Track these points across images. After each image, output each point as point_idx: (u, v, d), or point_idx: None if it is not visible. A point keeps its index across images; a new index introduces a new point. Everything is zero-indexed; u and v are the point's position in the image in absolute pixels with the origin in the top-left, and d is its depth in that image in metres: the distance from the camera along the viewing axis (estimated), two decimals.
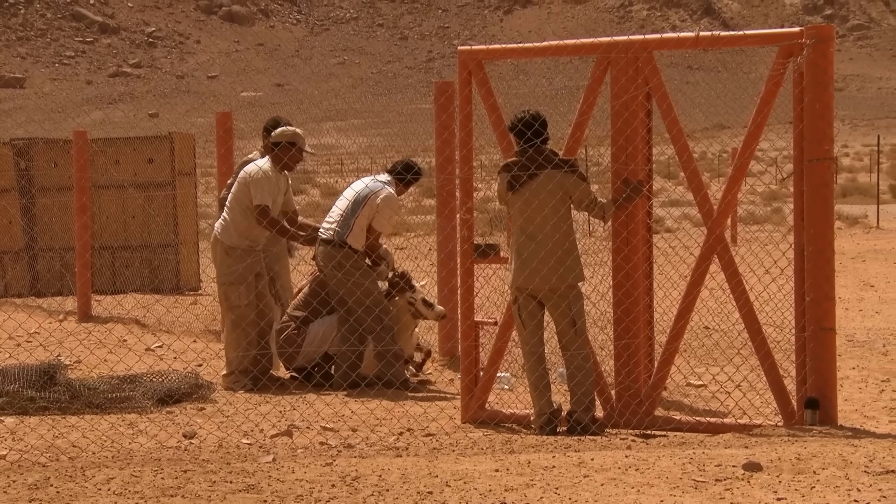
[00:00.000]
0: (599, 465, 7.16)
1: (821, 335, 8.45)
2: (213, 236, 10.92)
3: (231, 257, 10.70)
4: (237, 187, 10.73)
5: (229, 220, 10.75)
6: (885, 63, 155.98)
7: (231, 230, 10.73)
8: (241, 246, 10.70)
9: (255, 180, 10.58)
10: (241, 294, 10.68)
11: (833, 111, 8.51)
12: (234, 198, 10.73)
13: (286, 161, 10.73)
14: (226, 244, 10.73)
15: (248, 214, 10.65)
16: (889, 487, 6.57)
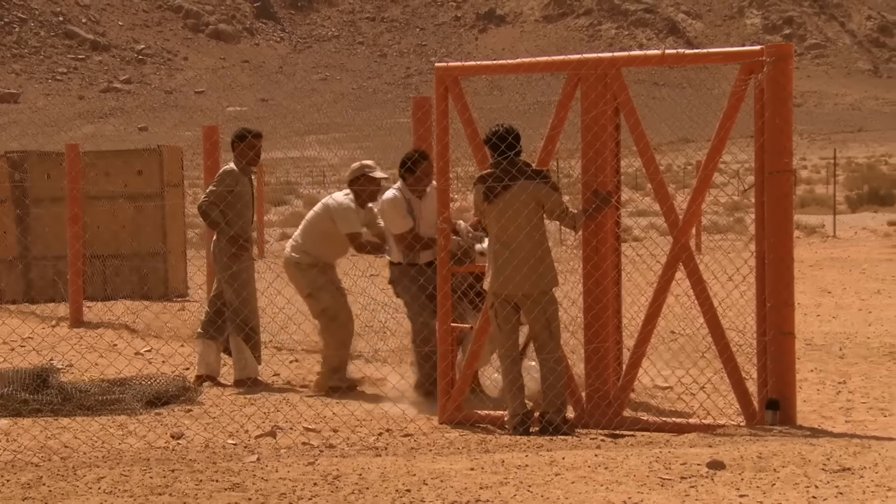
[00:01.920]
0: (570, 463, 7.16)
1: (781, 339, 8.47)
2: (285, 258, 10.93)
3: (306, 275, 10.72)
4: (317, 215, 10.75)
5: (302, 242, 10.79)
6: (841, 80, 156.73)
7: (303, 251, 10.75)
8: (315, 264, 10.72)
9: (340, 214, 10.59)
10: (323, 298, 10.69)
11: (792, 126, 8.54)
12: (313, 224, 10.76)
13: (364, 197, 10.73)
14: (296, 261, 10.77)
15: (323, 240, 10.69)
16: (846, 484, 6.58)
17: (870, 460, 7.09)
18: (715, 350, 8.73)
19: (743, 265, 8.84)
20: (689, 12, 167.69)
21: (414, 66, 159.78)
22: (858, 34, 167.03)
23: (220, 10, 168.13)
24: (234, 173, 11.09)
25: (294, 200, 52.08)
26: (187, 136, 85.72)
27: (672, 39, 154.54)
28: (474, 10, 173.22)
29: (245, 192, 11.10)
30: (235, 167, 11.11)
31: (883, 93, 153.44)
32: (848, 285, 19.01)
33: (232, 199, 11.00)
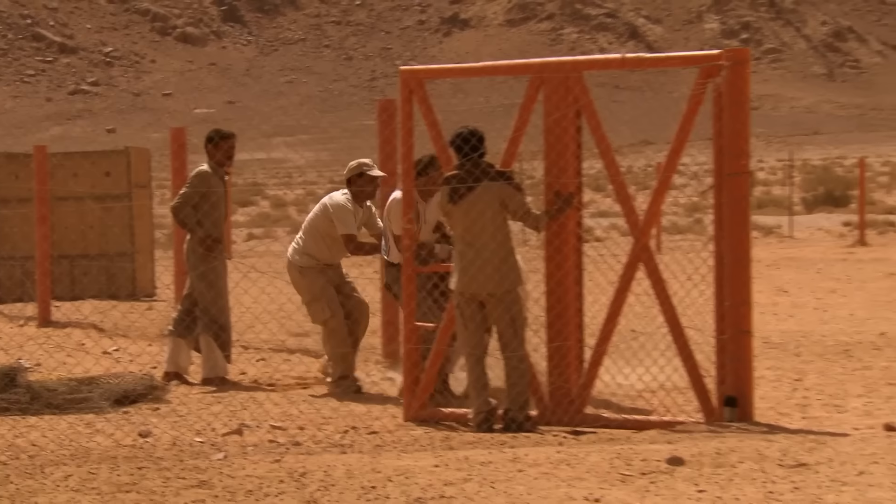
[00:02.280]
0: (533, 460, 7.17)
1: (739, 337, 8.51)
2: (287, 260, 10.81)
3: (306, 277, 10.60)
4: (316, 217, 10.64)
5: (302, 245, 10.67)
6: (797, 84, 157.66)
7: (304, 253, 10.63)
8: (315, 266, 10.60)
9: (337, 212, 10.48)
10: (323, 309, 10.53)
11: (749, 128, 8.58)
12: (313, 225, 10.65)
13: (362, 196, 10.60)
14: (299, 265, 10.64)
15: (323, 240, 10.57)
16: (801, 479, 6.62)
17: (825, 456, 7.13)
18: (675, 348, 8.77)
19: (702, 265, 8.88)
20: (649, 17, 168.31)
21: (379, 70, 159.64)
22: (814, 39, 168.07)
23: (187, 13, 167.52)
24: (206, 174, 11.05)
25: (261, 201, 51.94)
26: (155, 138, 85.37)
27: (632, 44, 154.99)
28: (438, 14, 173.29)
29: (216, 193, 11.05)
30: (207, 168, 11.07)
31: (837, 96, 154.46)
32: (804, 285, 19.12)
33: (202, 199, 10.96)
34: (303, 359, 12.11)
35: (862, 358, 11.68)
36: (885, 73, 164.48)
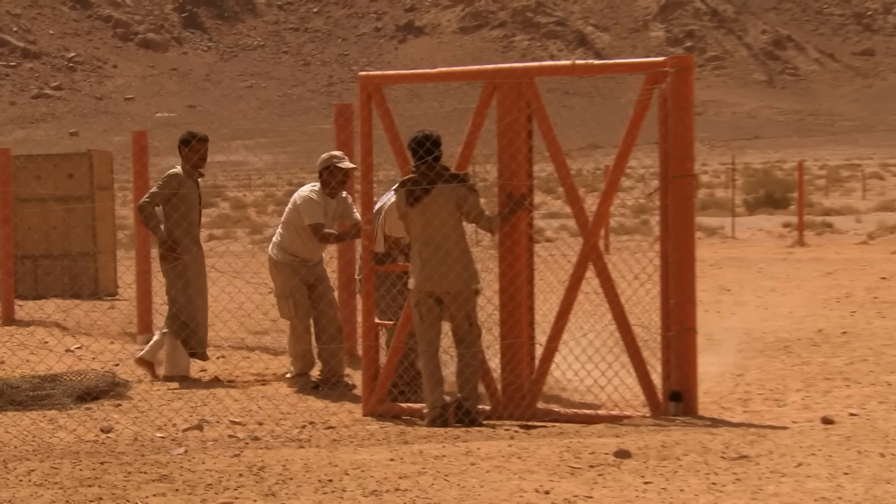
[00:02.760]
0: (485, 453, 7.17)
1: (683, 334, 8.54)
2: (269, 255, 10.71)
3: (280, 273, 10.50)
4: (289, 212, 10.52)
5: (280, 240, 10.57)
6: (738, 90, 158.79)
7: (281, 248, 10.52)
8: (290, 262, 10.49)
9: (303, 204, 10.37)
10: (290, 307, 10.43)
11: (693, 133, 8.61)
12: (287, 220, 10.54)
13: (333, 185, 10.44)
14: (275, 260, 10.54)
15: (298, 234, 10.45)
16: (743, 471, 6.65)
17: (765, 448, 7.18)
18: (622, 345, 8.80)
19: (648, 264, 8.91)
20: (598, 25, 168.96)
21: (336, 75, 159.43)
22: (754, 47, 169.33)
23: (148, 19, 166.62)
24: (179, 176, 10.97)
25: (221, 203, 51.75)
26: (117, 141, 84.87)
27: (581, 51, 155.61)
28: (394, 21, 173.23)
29: (190, 195, 10.98)
30: (180, 170, 10.99)
31: (777, 102, 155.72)
32: (746, 283, 19.24)
33: (177, 200, 10.88)
34: (262, 356, 12.05)
35: (801, 354, 11.76)
36: (821, 81, 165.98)
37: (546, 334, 9.01)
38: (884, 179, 61.99)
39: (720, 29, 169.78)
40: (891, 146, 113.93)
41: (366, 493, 6.34)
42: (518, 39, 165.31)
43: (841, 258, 24.16)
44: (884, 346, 11.94)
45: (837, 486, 6.31)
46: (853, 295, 16.92)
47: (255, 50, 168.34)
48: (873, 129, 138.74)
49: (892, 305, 15.58)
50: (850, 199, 49.24)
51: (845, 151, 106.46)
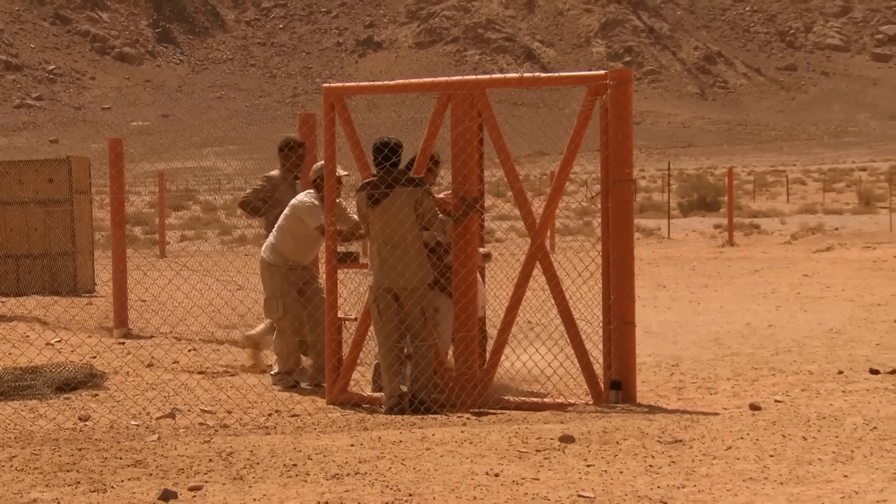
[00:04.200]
0: (440, 439, 7.16)
1: (623, 328, 8.57)
2: (261, 256, 10.39)
3: (271, 275, 10.19)
4: (286, 218, 10.13)
5: (275, 244, 10.21)
6: (673, 102, 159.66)
7: (275, 252, 10.18)
8: (281, 266, 10.17)
9: (305, 211, 9.99)
10: (277, 307, 10.12)
11: (632, 141, 8.64)
12: (283, 225, 10.17)
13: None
14: (268, 262, 10.21)
15: (294, 240, 10.10)
16: (678, 454, 6.68)
17: (698, 433, 7.21)
18: (567, 338, 8.81)
19: (591, 263, 8.93)
20: (544, 41, 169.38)
21: (300, 87, 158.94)
22: (688, 62, 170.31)
23: (124, 34, 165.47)
24: (275, 178, 10.59)
25: (192, 206, 51.41)
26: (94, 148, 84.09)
27: (529, 65, 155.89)
28: (354, 37, 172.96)
29: (284, 198, 10.53)
30: (279, 173, 10.63)
31: (709, 113, 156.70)
32: (680, 280, 19.34)
33: (273, 202, 10.45)
34: (230, 349, 11.98)
35: (730, 345, 11.82)
36: (749, 93, 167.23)
37: (497, 327, 9.01)
38: (806, 185, 62.50)
39: (656, 45, 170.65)
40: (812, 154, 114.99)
41: (328, 477, 6.31)
42: (470, 54, 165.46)
43: (767, 257, 24.33)
44: (806, 337, 12.04)
45: (764, 468, 6.34)
46: (778, 291, 17.04)
47: (225, 63, 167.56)
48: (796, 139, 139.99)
49: (814, 300, 15.71)
50: (775, 202, 49.62)
51: (771, 159, 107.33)
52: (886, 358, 10.34)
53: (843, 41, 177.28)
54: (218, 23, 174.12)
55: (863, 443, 6.85)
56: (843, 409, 7.92)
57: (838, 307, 14.75)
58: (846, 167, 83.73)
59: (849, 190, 55.51)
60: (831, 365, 10.14)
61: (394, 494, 5.95)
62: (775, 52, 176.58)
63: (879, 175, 66.40)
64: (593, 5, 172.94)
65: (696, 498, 5.80)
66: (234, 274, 12.40)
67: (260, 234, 10.94)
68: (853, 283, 17.68)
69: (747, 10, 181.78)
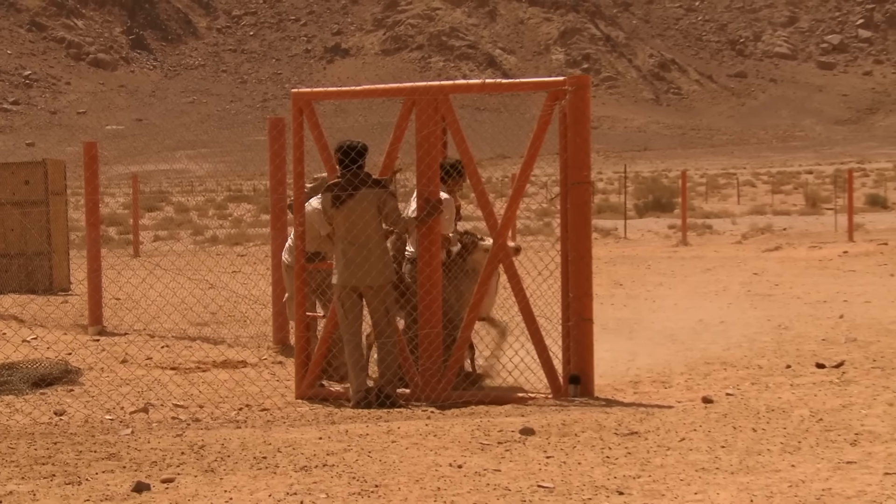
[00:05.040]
0: (405, 432, 7.15)
1: (581, 324, 8.59)
2: (282, 259, 10.25)
3: (290, 276, 10.01)
4: None
5: (292, 245, 9.95)
6: (629, 107, 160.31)
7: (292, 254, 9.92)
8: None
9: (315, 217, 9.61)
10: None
11: (590, 144, 8.66)
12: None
13: None
14: (286, 264, 10.08)
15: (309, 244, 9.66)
16: (633, 446, 6.70)
17: (653, 425, 7.23)
18: (527, 334, 8.81)
19: (550, 262, 8.94)
20: (505, 48, 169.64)
21: (270, 92, 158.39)
22: (643, 69, 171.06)
23: (99, 41, 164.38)
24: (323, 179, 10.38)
25: (165, 207, 51.13)
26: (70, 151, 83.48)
27: (491, 71, 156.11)
28: (322, 44, 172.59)
29: None
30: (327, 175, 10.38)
31: (663, 118, 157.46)
32: (636, 279, 19.39)
33: None
34: (202, 345, 11.91)
35: (684, 341, 11.86)
36: (701, 99, 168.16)
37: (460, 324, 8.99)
38: (755, 186, 62.90)
39: (613, 53, 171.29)
40: (761, 157, 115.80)
41: (297, 469, 6.29)
42: (434, 60, 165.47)
43: (719, 256, 24.45)
44: (756, 333, 12.10)
45: (715, 458, 6.37)
46: (729, 288, 17.13)
47: (197, 69, 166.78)
48: (746, 143, 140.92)
49: (763, 297, 15.80)
50: (726, 203, 49.89)
51: (722, 162, 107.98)
52: (832, 353, 10.41)
53: (791, 50, 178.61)
54: (190, 30, 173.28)
55: (809, 434, 6.90)
56: (791, 401, 7.97)
57: (786, 304, 14.84)
58: (793, 170, 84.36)
59: (796, 192, 55.90)
60: (780, 359, 10.21)
61: (360, 485, 5.94)
62: (726, 60, 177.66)
63: (825, 178, 66.95)
64: (553, 14, 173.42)
65: (651, 488, 5.82)
66: (205, 273, 12.34)
67: (230, 235, 10.89)
68: (800, 281, 17.79)
69: (699, 19, 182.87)
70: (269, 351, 11.47)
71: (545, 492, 5.78)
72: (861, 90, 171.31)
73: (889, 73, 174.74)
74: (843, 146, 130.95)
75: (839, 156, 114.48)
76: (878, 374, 9.08)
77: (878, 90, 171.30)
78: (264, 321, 12.46)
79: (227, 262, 18.91)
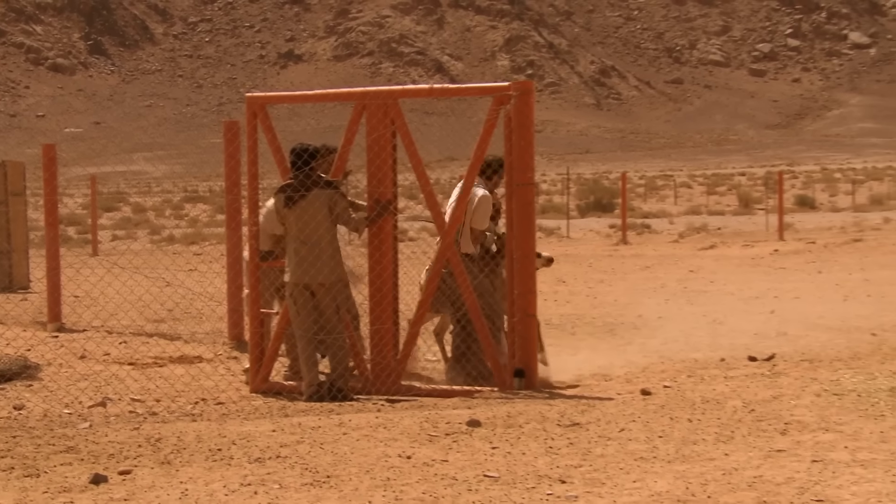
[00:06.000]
0: (356, 424, 7.13)
1: (526, 320, 8.60)
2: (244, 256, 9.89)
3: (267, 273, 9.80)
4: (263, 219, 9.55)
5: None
6: (571, 112, 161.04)
7: None
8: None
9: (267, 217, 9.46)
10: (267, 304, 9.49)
11: (534, 147, 8.68)
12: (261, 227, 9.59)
13: None
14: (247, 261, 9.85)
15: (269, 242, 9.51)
16: (576, 436, 6.72)
17: (594, 416, 7.26)
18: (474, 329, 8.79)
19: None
20: (452, 55, 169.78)
21: (226, 96, 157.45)
22: (585, 75, 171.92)
23: (57, 46, 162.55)
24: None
25: (123, 207, 50.62)
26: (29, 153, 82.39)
27: (439, 76, 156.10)
28: (276, 50, 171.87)
29: None
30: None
31: (604, 122, 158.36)
32: (578, 276, 19.47)
33: None
34: (159, 341, 11.80)
35: (624, 336, 11.93)
36: (640, 104, 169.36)
37: (409, 320, 8.99)
38: (691, 188, 63.40)
39: (556, 59, 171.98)
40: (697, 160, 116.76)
41: (251, 461, 6.25)
42: (384, 66, 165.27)
43: (657, 254, 24.62)
44: (692, 328, 12.19)
45: (653, 448, 6.41)
46: (667, 285, 17.25)
47: (154, 74, 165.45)
48: (682, 146, 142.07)
49: (699, 293, 15.93)
50: (664, 204, 50.26)
51: (660, 164, 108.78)
52: (763, 346, 10.52)
53: (724, 57, 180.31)
54: (147, 36, 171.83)
55: (742, 424, 6.96)
56: (725, 393, 8.03)
57: (720, 300, 14.97)
58: (727, 172, 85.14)
59: (730, 193, 56.40)
60: (714, 353, 10.29)
61: (312, 476, 5.91)
62: (663, 67, 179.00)
63: (756, 180, 67.64)
64: (498, 22, 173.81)
65: (592, 476, 5.85)
66: (162, 271, 12.23)
67: (187, 234, 10.81)
68: (734, 278, 17.96)
69: (638, 28, 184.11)
70: (224, 346, 11.38)
71: (491, 481, 5.78)
72: (790, 96, 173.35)
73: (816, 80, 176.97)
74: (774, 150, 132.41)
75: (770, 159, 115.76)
76: (806, 366, 9.19)
77: (805, 96, 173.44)
78: (220, 318, 12.37)
79: (184, 261, 18.77)
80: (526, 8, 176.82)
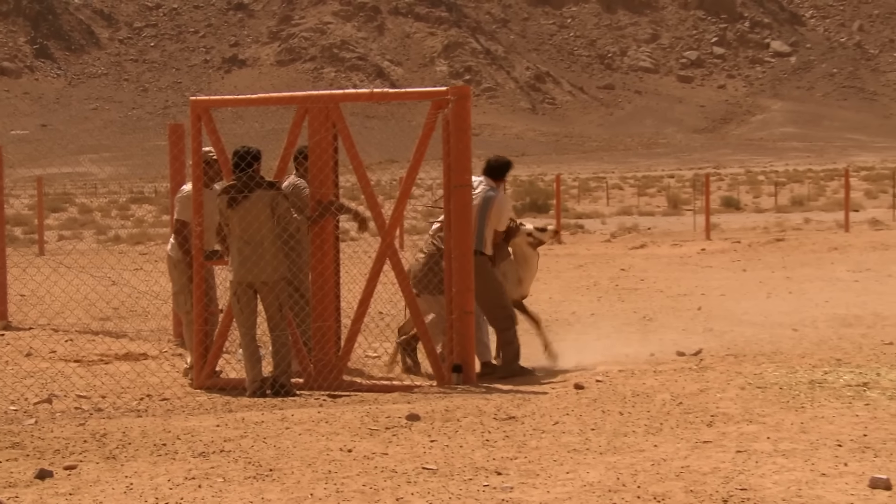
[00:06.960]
0: (298, 419, 7.09)
1: (463, 317, 8.62)
2: (166, 253, 9.66)
3: (177, 270, 9.47)
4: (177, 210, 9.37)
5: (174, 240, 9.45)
6: (508, 116, 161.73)
7: (176, 247, 9.40)
8: (185, 260, 9.35)
9: (178, 200, 9.35)
10: (186, 301, 9.36)
11: (471, 150, 8.70)
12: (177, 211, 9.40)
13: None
14: (173, 258, 9.50)
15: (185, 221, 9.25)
16: (511, 429, 6.74)
17: (529, 410, 7.29)
18: None
19: None
20: (393, 60, 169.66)
21: (171, 100, 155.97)
22: (520, 81, 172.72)
23: (3, 50, 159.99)
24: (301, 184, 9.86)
25: (69, 208, 49.89)
26: None
27: (379, 81, 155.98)
28: (221, 55, 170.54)
29: None
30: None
31: (539, 126, 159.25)
32: None
33: None
34: (104, 339, 11.65)
35: (558, 332, 11.97)
36: (574, 109, 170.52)
37: (351, 318, 8.96)
38: (623, 189, 63.92)
39: (493, 65, 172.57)
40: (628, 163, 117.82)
41: (195, 455, 6.19)
42: (326, 71, 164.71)
43: (590, 253, 24.77)
44: (623, 324, 12.29)
45: (586, 440, 6.45)
46: (599, 283, 17.36)
47: (100, 77, 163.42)
48: (614, 149, 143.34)
49: (630, 291, 16.05)
50: (597, 205, 50.59)
51: (593, 166, 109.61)
52: (691, 342, 10.62)
53: (653, 64, 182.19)
54: (93, 40, 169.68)
55: (670, 416, 7.03)
56: (654, 387, 8.10)
57: (650, 297, 15.10)
58: (657, 174, 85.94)
59: (659, 194, 56.92)
60: (644, 348, 10.37)
61: (256, 470, 5.87)
62: (596, 73, 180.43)
63: (685, 182, 68.36)
64: (437, 29, 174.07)
65: (527, 468, 5.87)
66: (108, 270, 12.07)
67: (133, 234, 10.67)
68: (663, 276, 18.12)
69: (571, 35, 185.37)
70: (169, 344, 11.27)
71: (429, 473, 5.78)
72: (716, 102, 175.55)
73: (740, 86, 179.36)
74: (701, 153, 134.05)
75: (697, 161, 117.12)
76: (731, 360, 9.30)
77: (731, 102, 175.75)
78: (164, 316, 12.24)
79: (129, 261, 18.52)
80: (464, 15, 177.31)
